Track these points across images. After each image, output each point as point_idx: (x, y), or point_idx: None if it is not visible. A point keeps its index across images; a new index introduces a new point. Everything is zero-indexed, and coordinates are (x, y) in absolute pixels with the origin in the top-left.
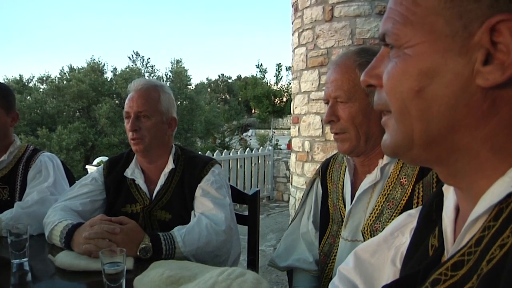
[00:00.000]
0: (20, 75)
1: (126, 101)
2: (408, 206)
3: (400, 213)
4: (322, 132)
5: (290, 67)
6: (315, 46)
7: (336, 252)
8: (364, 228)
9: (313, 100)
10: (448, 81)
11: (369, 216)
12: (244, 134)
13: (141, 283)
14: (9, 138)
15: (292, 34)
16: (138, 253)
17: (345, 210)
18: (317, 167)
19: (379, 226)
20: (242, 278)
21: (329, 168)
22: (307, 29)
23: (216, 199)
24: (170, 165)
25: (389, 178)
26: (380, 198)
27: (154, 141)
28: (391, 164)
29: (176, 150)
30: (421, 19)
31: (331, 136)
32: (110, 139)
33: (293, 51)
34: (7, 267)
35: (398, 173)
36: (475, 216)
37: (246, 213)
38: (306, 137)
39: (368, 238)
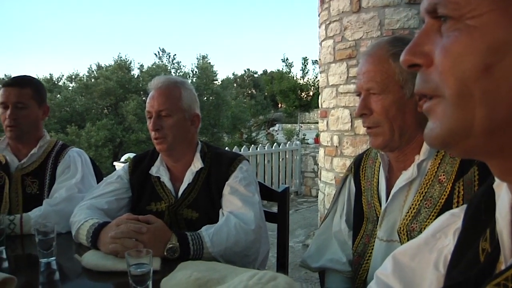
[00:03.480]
0: (50, 74)
1: (148, 100)
2: (447, 205)
3: (439, 213)
4: (351, 126)
5: (316, 60)
6: (342, 38)
7: (371, 253)
8: (400, 228)
9: (341, 93)
10: None
11: (406, 215)
12: (271, 128)
13: (168, 285)
14: (39, 131)
15: (319, 27)
16: (165, 253)
17: (380, 209)
18: (346, 162)
19: (416, 226)
20: (273, 283)
21: (362, 164)
22: (334, 21)
23: (245, 197)
24: (198, 164)
25: (426, 175)
26: (417, 196)
27: (177, 139)
28: (429, 160)
29: (202, 147)
30: None
31: (360, 130)
32: (138, 135)
33: (320, 43)
34: (36, 265)
35: (436, 170)
36: None
37: (274, 209)
38: (334, 131)
39: (405, 239)
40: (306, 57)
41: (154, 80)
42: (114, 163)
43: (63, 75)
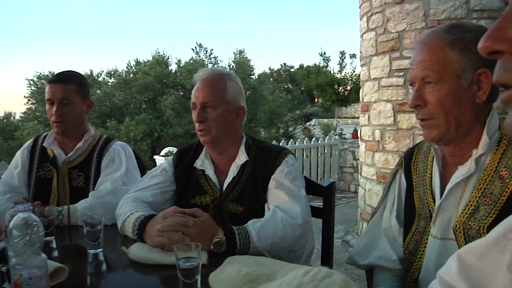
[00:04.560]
0: (90, 70)
1: (193, 92)
2: (510, 203)
3: (501, 211)
4: (393, 120)
5: (354, 54)
6: (385, 30)
7: (424, 250)
8: (456, 225)
9: (384, 87)
10: None
11: (462, 212)
12: (307, 123)
13: (216, 280)
14: (84, 125)
15: (360, 19)
16: (211, 247)
17: (434, 205)
18: (388, 157)
19: (473, 224)
20: (329, 280)
21: (414, 158)
22: (376, 12)
23: (291, 191)
24: (243, 157)
25: (485, 170)
26: (475, 192)
27: (222, 131)
28: (488, 154)
29: (247, 140)
30: None
31: (403, 125)
32: (175, 129)
33: (361, 36)
34: (83, 256)
35: (496, 165)
36: None
37: (315, 204)
38: (376, 125)
39: (461, 237)
40: (343, 51)
41: (199, 72)
42: (155, 157)
43: (102, 71)
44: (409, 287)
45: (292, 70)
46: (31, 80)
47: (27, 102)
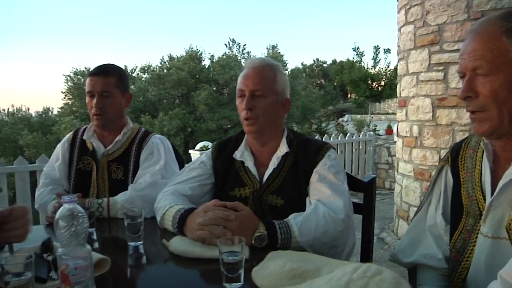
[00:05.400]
0: (124, 65)
1: (240, 79)
2: None
3: None
4: (432, 115)
5: (388, 49)
6: (424, 23)
7: (472, 250)
8: (510, 224)
9: (422, 81)
10: None
11: None
12: (340, 119)
13: (260, 275)
14: (123, 118)
15: (398, 12)
16: (252, 242)
17: (484, 202)
18: (427, 153)
19: None
20: (379, 277)
21: (461, 154)
22: (415, 5)
23: (334, 185)
24: (283, 148)
25: None
26: None
27: (268, 121)
28: None
29: (288, 133)
30: None
31: (442, 120)
32: (208, 124)
33: (399, 30)
34: (123, 248)
35: None
36: None
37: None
38: (414, 121)
39: None
40: (377, 46)
41: (250, 60)
42: (190, 151)
43: (136, 67)
44: (456, 287)
45: (324, 65)
46: (68, 76)
47: (64, 97)
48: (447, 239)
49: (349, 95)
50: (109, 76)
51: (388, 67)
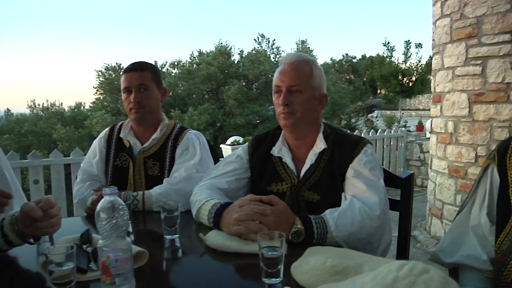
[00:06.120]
0: (154, 61)
1: (277, 74)
2: None
3: None
4: (469, 111)
5: (419, 44)
6: (461, 15)
7: None
8: None
9: (458, 76)
10: None
11: None
12: (370, 115)
13: (300, 271)
14: (159, 114)
15: (433, 5)
16: (289, 237)
17: None
18: (462, 150)
19: None
20: (427, 276)
21: (509, 152)
22: None
23: (370, 181)
24: (321, 144)
25: None
26: None
27: (305, 117)
28: None
29: (325, 128)
30: None
31: (480, 116)
32: (236, 120)
33: (434, 23)
34: (158, 241)
35: None
36: None
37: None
38: (449, 117)
39: None
40: (409, 40)
41: (286, 55)
42: (221, 145)
43: (166, 62)
44: None
45: (354, 60)
46: (100, 71)
47: (96, 92)
48: (492, 240)
49: (378, 91)
50: (144, 70)
51: (420, 62)
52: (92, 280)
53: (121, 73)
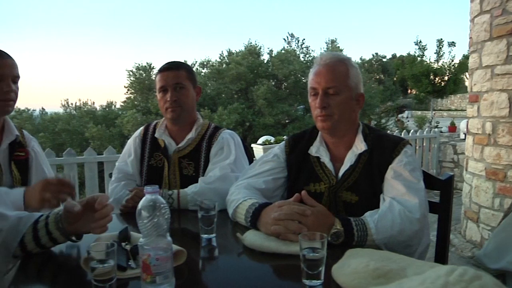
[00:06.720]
0: (184, 60)
1: (312, 76)
2: None
3: None
4: (509, 111)
5: (453, 42)
6: (503, 11)
7: None
8: None
9: (498, 75)
10: None
11: None
12: (400, 115)
13: (342, 274)
14: (194, 113)
15: (471, 1)
16: (329, 238)
17: None
18: (501, 152)
19: None
20: (479, 282)
21: None
22: None
23: (410, 183)
24: (361, 146)
25: None
26: None
27: (342, 118)
28: None
29: (364, 128)
30: None
31: None
32: (265, 119)
33: (472, 20)
34: (193, 240)
35: None
36: None
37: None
38: (487, 117)
39: None
40: (441, 39)
41: (320, 56)
42: (252, 145)
43: (196, 62)
44: None
45: (384, 60)
46: (131, 71)
47: (127, 92)
48: None
49: (409, 91)
50: (180, 69)
51: (452, 61)
52: (131, 278)
53: (155, 73)
